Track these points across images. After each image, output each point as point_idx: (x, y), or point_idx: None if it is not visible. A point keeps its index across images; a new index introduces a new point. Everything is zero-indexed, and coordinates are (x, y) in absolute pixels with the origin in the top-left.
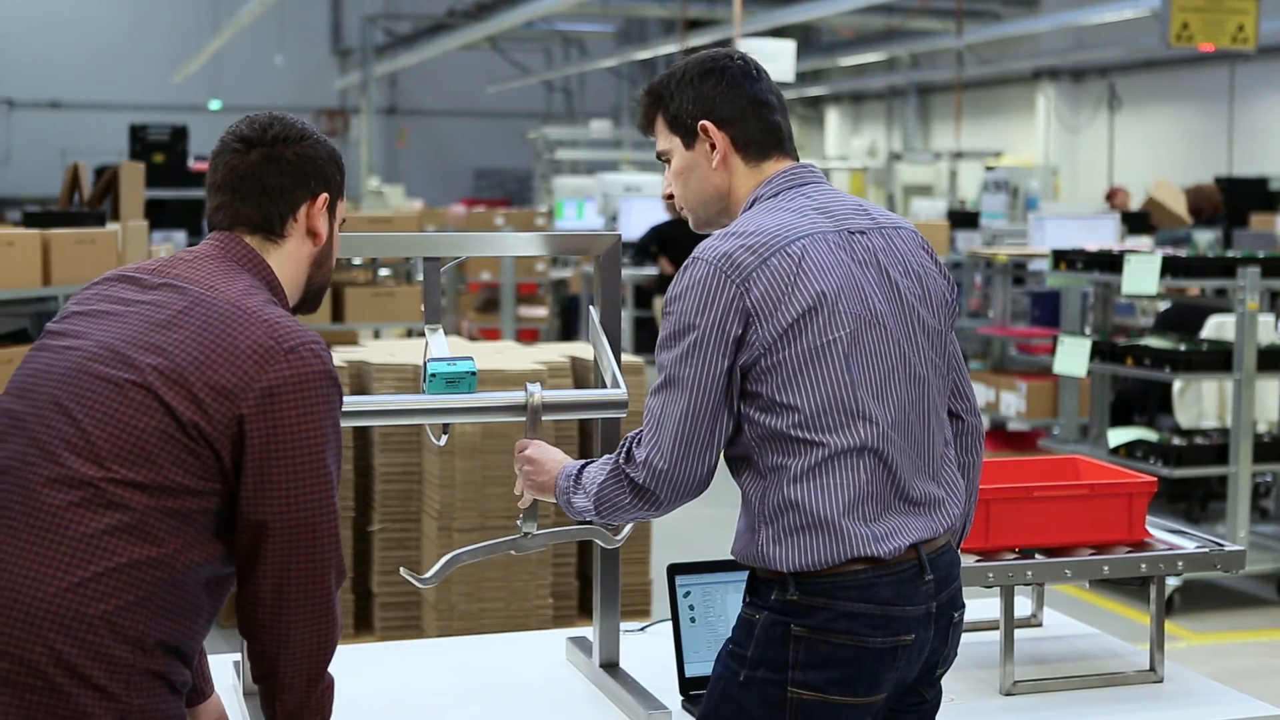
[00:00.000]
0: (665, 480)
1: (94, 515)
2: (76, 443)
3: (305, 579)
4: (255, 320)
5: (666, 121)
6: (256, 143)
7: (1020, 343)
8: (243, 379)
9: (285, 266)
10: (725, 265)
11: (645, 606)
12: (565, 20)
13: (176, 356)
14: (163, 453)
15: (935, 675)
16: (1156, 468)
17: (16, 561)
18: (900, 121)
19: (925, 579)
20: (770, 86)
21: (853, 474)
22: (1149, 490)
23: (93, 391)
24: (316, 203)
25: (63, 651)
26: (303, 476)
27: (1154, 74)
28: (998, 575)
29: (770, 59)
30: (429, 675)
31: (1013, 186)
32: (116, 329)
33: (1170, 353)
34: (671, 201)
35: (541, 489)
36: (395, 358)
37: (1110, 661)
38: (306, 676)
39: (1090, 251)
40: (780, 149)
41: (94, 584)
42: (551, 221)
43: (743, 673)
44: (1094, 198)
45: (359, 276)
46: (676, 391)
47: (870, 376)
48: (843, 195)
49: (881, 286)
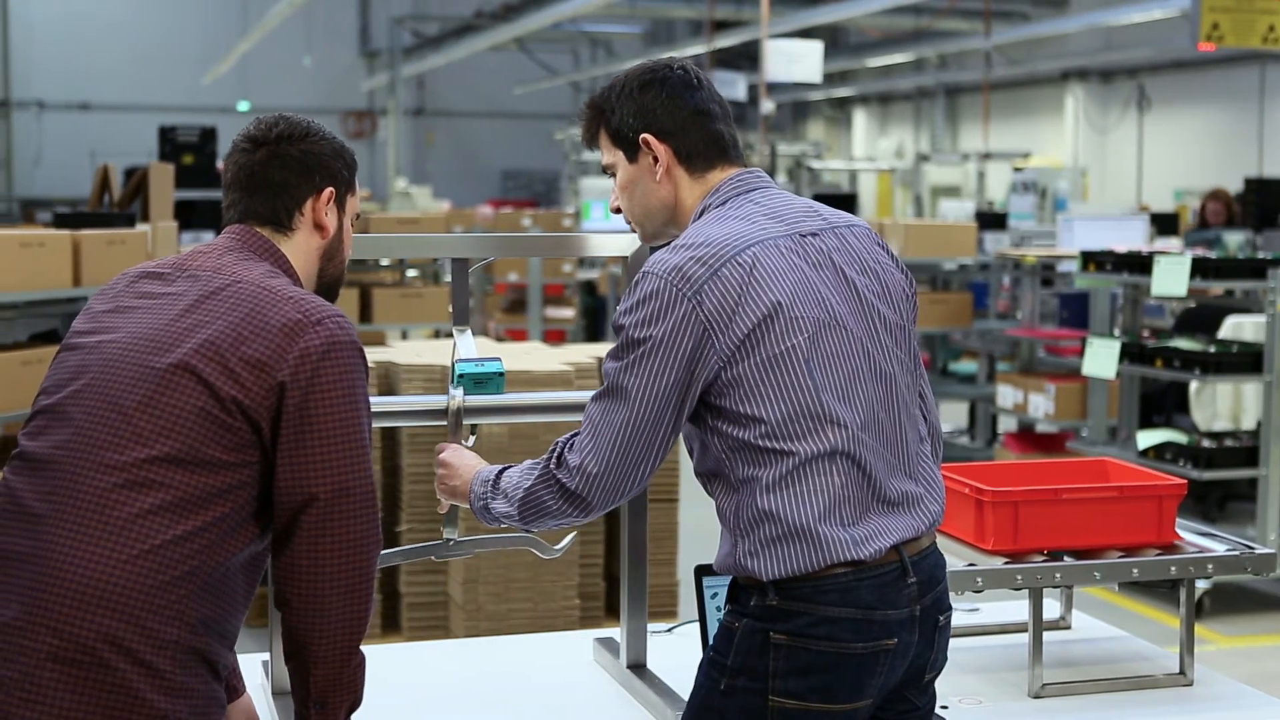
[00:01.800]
0: (598, 487)
1: (138, 495)
2: (121, 429)
3: (343, 548)
4: (281, 298)
5: (609, 135)
6: (263, 141)
7: (1049, 344)
8: (276, 351)
9: (295, 258)
10: (676, 279)
11: (672, 608)
12: (592, 21)
13: (211, 335)
14: (203, 432)
15: (925, 680)
16: (1186, 470)
17: (65, 543)
18: (928, 122)
19: (908, 582)
20: (712, 95)
21: (826, 479)
22: (1179, 493)
23: (133, 379)
24: (321, 197)
25: (111, 628)
26: (341, 442)
27: (1184, 74)
28: (1026, 578)
29: (797, 60)
30: (456, 675)
31: (1041, 188)
32: (148, 320)
33: (1200, 354)
34: (620, 214)
35: (454, 494)
36: (423, 358)
37: (1139, 664)
38: (341, 650)
39: (1119, 253)
40: (725, 158)
41: (139, 561)
42: (578, 222)
43: (723, 681)
44: (1124, 199)
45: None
46: (620, 401)
47: (834, 380)
48: (792, 198)
49: (838, 287)
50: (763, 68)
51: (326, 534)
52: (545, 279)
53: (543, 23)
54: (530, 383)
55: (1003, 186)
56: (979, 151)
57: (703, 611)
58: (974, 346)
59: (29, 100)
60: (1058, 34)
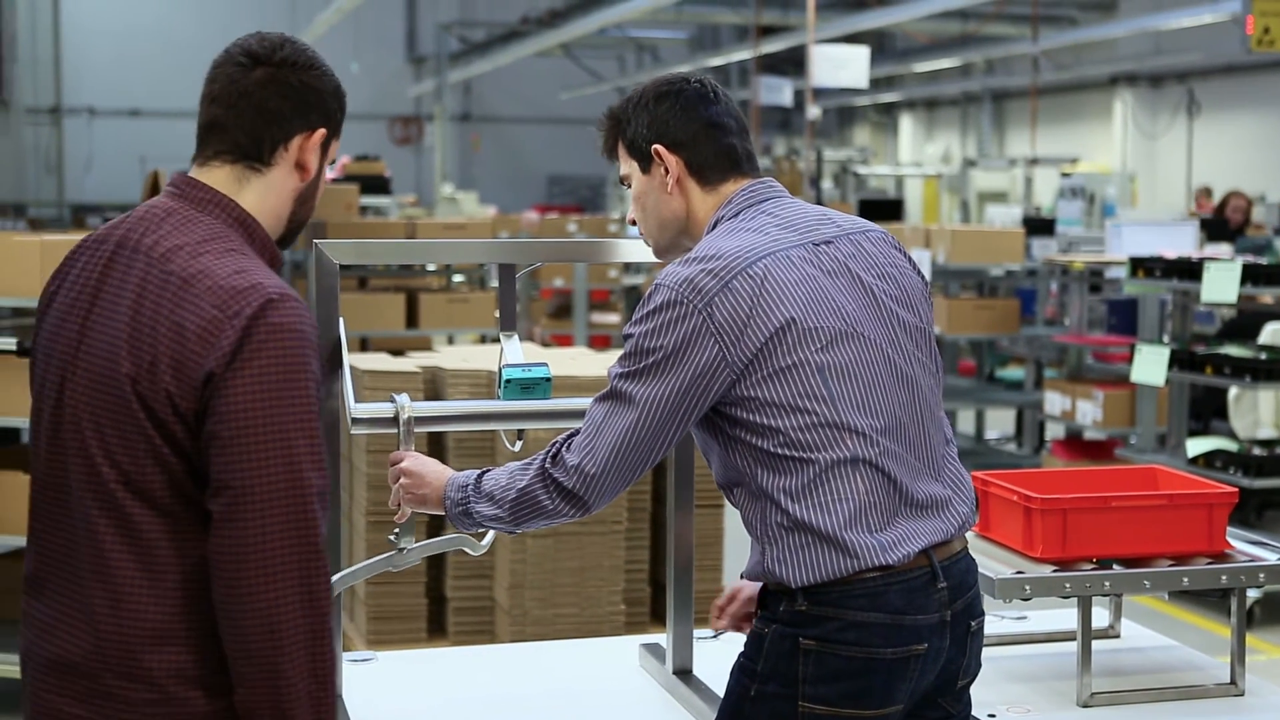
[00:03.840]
0: (595, 488)
1: (149, 525)
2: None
3: (241, 551)
4: (201, 291)
5: (625, 146)
6: (263, 60)
7: (1097, 351)
8: (195, 358)
9: (267, 197)
10: (687, 291)
11: None
12: (639, 27)
13: (142, 353)
14: (167, 442)
15: (958, 687)
16: (1236, 478)
17: (99, 585)
18: (975, 128)
19: (938, 586)
20: (728, 109)
21: (849, 486)
22: (1229, 501)
23: (103, 399)
24: (313, 137)
25: (172, 661)
26: (254, 436)
27: (1234, 79)
28: (1075, 586)
29: (844, 65)
30: (502, 681)
31: (1089, 193)
32: (101, 327)
33: (1250, 361)
34: (635, 227)
35: (423, 501)
36: (469, 363)
37: (1190, 674)
38: (258, 672)
39: (1169, 259)
40: (737, 170)
41: (178, 589)
42: (624, 228)
43: (753, 687)
44: (1173, 204)
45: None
46: (624, 406)
47: (852, 388)
48: (806, 206)
49: (855, 294)
50: (809, 73)
51: (224, 531)
52: (591, 284)
53: (589, 28)
54: (576, 388)
55: (1050, 192)
56: (1026, 157)
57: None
58: (1021, 353)
59: (80, 107)
60: (1106, 38)
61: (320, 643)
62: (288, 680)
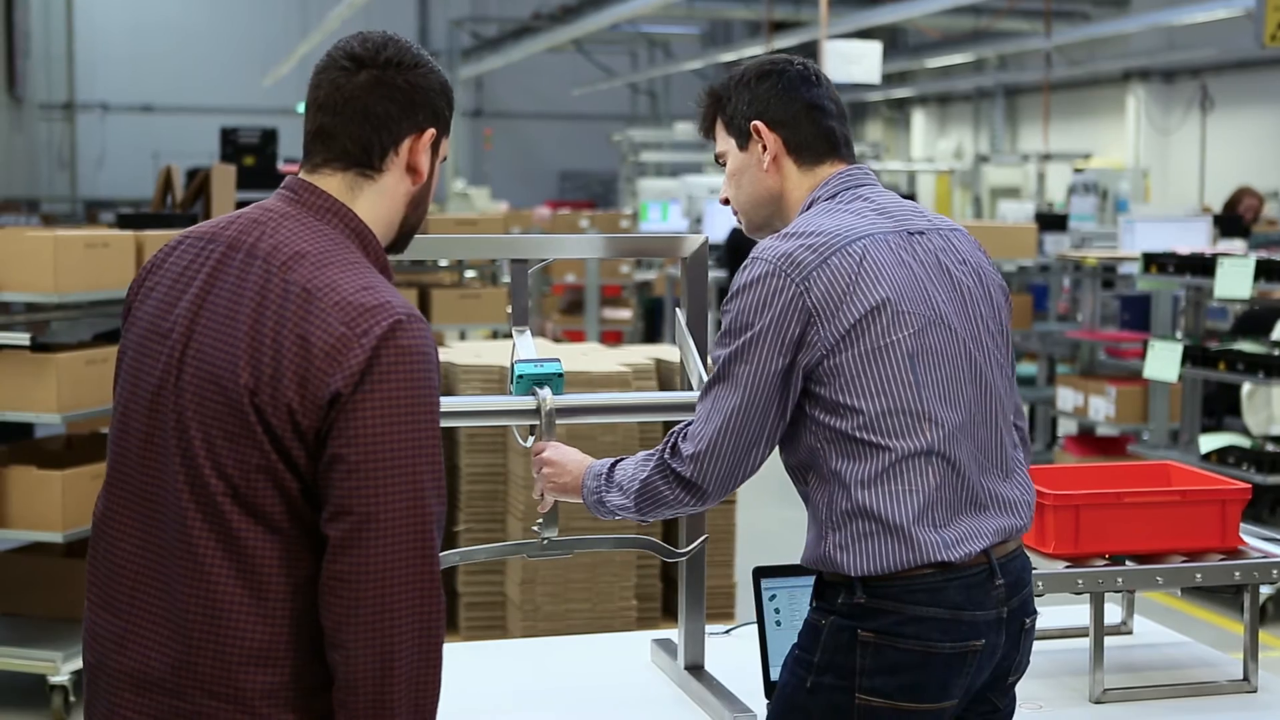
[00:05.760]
0: (712, 474)
1: (256, 541)
2: (205, 461)
3: (362, 577)
4: (329, 306)
5: (723, 122)
6: (367, 63)
7: (1109, 346)
8: (321, 375)
9: (379, 204)
10: (785, 264)
11: (730, 609)
12: (650, 23)
13: (263, 365)
14: (283, 458)
15: (1008, 683)
16: (1249, 474)
17: (193, 596)
18: (987, 123)
19: (996, 583)
20: (829, 93)
21: (921, 478)
22: (1243, 497)
23: (212, 410)
24: (422, 138)
25: (267, 682)
26: (377, 463)
27: (1247, 75)
28: (1088, 582)
29: (856, 61)
30: (513, 676)
31: (1102, 189)
32: (215, 329)
33: (1264, 358)
34: (729, 206)
35: (565, 490)
36: (481, 359)
37: (1202, 671)
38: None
39: (1182, 254)
40: (835, 154)
41: (280, 608)
42: (636, 224)
43: (809, 679)
44: (1186, 200)
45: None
46: (729, 387)
47: (936, 378)
48: (899, 198)
49: (944, 286)
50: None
51: (344, 557)
52: (602, 280)
53: (600, 24)
54: (589, 383)
55: (1063, 188)
56: (1039, 152)
57: (761, 613)
58: (1034, 349)
59: (93, 102)
60: (1119, 34)
61: (430, 676)
62: (391, 714)
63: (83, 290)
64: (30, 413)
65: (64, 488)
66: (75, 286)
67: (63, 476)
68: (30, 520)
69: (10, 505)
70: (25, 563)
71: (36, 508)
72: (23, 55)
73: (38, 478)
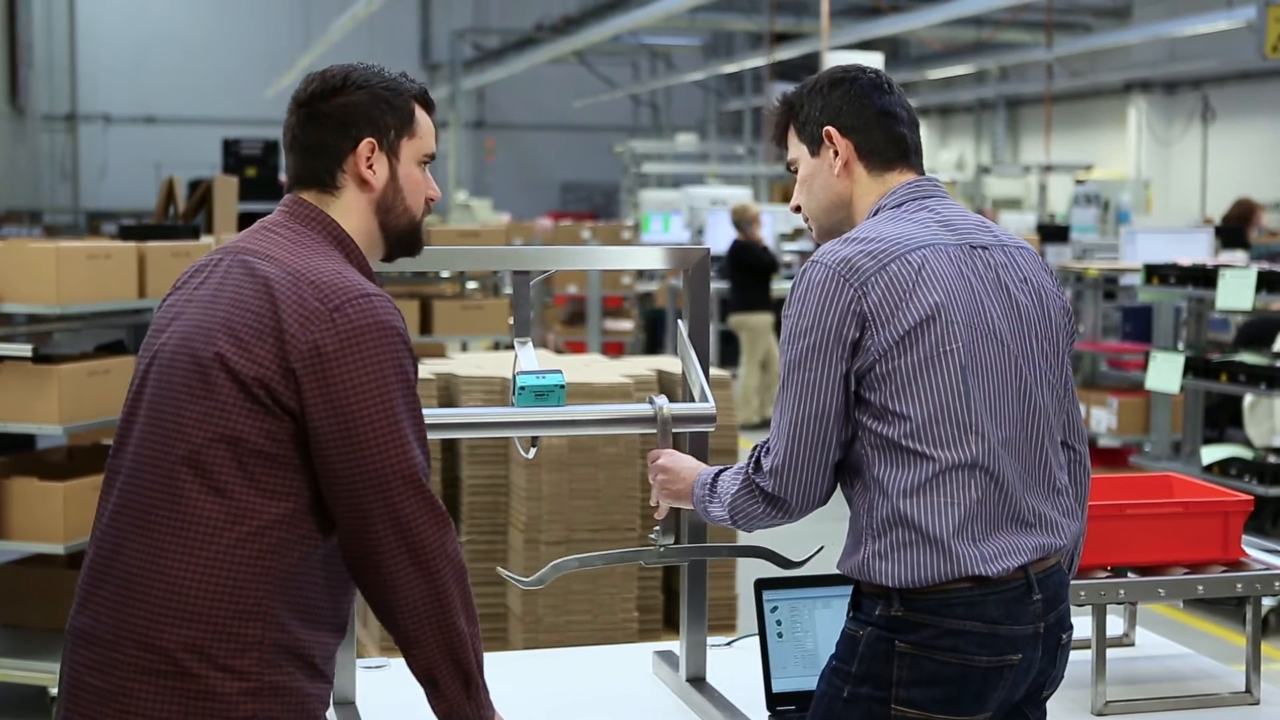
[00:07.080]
0: (790, 485)
1: (197, 495)
2: (174, 424)
3: (393, 528)
4: (304, 284)
5: (796, 129)
6: (301, 101)
7: (1111, 358)
8: (290, 340)
9: (348, 217)
10: (844, 269)
11: (732, 621)
12: (652, 34)
13: (236, 330)
14: (243, 417)
15: (1041, 697)
16: (1252, 486)
17: (139, 553)
18: (989, 134)
19: (1033, 598)
20: (901, 101)
21: (964, 491)
22: (1245, 509)
23: (184, 372)
24: (358, 151)
25: (192, 637)
26: (370, 431)
27: (1249, 86)
28: (1090, 594)
29: None
30: (515, 687)
31: (1104, 200)
32: (196, 313)
33: (1265, 369)
34: (799, 213)
35: (678, 497)
36: (483, 370)
37: (1204, 683)
38: (432, 627)
39: (1183, 266)
40: (905, 161)
41: (212, 566)
42: (638, 235)
43: (846, 689)
44: (1188, 211)
45: (447, 289)
46: (794, 398)
47: (985, 391)
48: (965, 211)
49: (1001, 302)
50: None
51: (368, 517)
52: (604, 291)
53: (602, 35)
54: (590, 395)
55: (1064, 199)
56: (1040, 164)
57: (762, 625)
58: None
59: (95, 113)
60: (1120, 45)
61: (464, 589)
62: (458, 631)
63: (85, 302)
64: (32, 424)
65: (65, 499)
66: (77, 298)
67: (64, 488)
68: (32, 532)
69: (12, 517)
70: (26, 574)
71: (38, 519)
72: (25, 66)
73: (39, 489)
